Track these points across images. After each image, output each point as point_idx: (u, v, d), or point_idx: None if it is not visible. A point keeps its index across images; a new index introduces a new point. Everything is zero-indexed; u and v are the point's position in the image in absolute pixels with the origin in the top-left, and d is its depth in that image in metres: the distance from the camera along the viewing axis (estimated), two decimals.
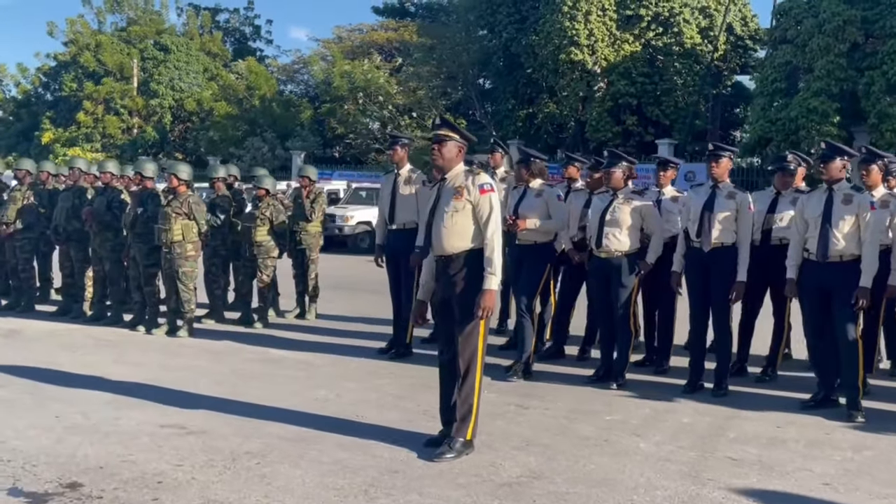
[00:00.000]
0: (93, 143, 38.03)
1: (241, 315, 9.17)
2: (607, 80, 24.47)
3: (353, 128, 33.68)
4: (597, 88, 25.00)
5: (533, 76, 26.96)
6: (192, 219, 8.28)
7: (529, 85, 27.39)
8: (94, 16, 42.02)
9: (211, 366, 6.92)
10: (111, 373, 6.57)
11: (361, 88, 30.74)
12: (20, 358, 7.11)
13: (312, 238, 9.44)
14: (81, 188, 9.41)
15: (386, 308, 10.06)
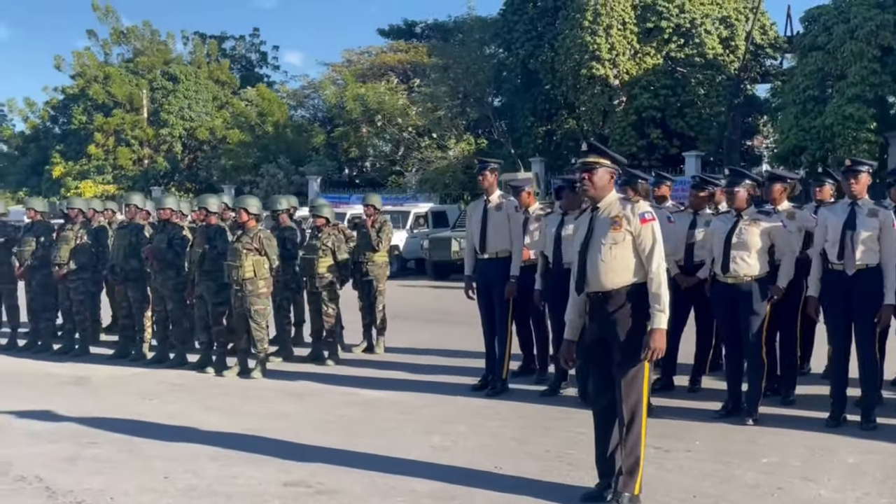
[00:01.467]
0: (104, 175, 37.75)
1: (311, 352, 8.82)
2: (630, 93, 24.22)
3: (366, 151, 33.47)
4: (618, 102, 24.76)
5: (551, 92, 26.72)
6: (264, 254, 7.94)
7: (547, 101, 27.15)
8: (101, 48, 41.90)
9: (303, 411, 6.56)
10: (201, 422, 6.21)
11: (375, 111, 30.52)
12: (100, 408, 6.76)
13: (379, 268, 9.10)
14: (138, 225, 9.08)
15: (454, 339, 9.81)
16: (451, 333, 10.47)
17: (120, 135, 37.88)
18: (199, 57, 40.88)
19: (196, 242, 8.39)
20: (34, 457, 5.42)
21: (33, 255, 9.66)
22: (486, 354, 7.04)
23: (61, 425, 6.23)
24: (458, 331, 10.67)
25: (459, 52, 28.37)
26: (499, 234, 6.87)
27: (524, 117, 27.31)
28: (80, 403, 6.98)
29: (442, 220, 23.27)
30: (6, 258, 9.93)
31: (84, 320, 9.48)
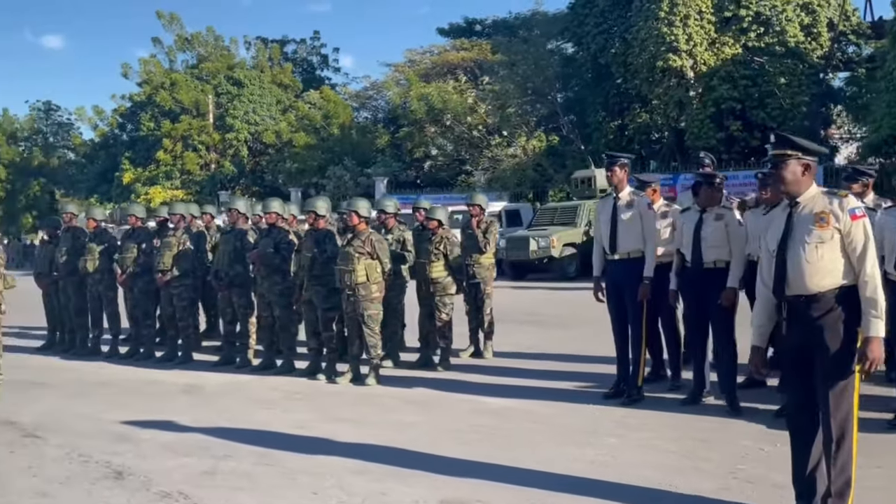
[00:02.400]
0: (172, 180, 38.35)
1: (419, 357, 8.58)
2: (707, 84, 23.52)
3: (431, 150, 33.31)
4: (695, 95, 24.08)
5: (623, 86, 26.16)
6: (376, 258, 7.72)
7: (619, 95, 26.59)
8: (165, 55, 42.62)
9: (432, 420, 6.30)
10: (332, 433, 6.00)
11: (440, 110, 30.33)
12: (222, 418, 6.61)
13: (486, 270, 8.82)
14: (242, 230, 8.97)
15: (557, 343, 9.49)
16: (551, 336, 10.16)
17: (187, 140, 38.45)
18: (261, 61, 41.28)
19: (304, 246, 8.23)
20: (171, 471, 5.26)
21: (135, 262, 9.63)
22: (618, 360, 6.69)
23: (189, 436, 6.08)
24: (557, 334, 10.37)
25: (526, 48, 27.99)
26: (630, 234, 6.51)
27: (595, 112, 26.81)
28: (200, 413, 6.85)
29: (515, 218, 22.94)
30: (107, 265, 9.93)
31: (187, 327, 9.42)
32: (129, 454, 5.70)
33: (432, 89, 29.66)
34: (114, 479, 5.15)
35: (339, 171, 32.34)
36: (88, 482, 5.11)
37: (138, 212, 10.02)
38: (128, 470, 5.31)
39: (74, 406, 7.38)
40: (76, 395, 7.92)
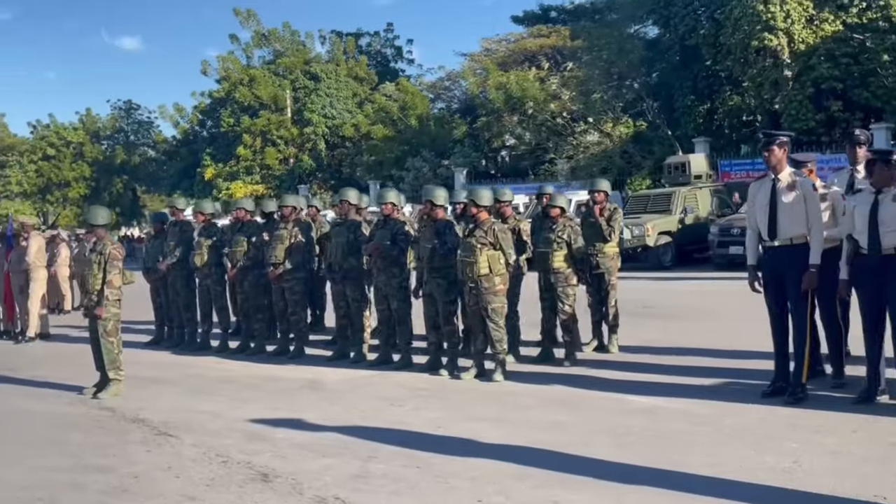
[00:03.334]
0: (252, 175, 38.81)
1: (541, 352, 8.20)
2: (806, 64, 22.41)
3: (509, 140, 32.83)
4: (791, 74, 22.99)
5: (713, 68, 25.19)
6: (499, 249, 7.36)
7: (708, 78, 25.63)
8: (242, 51, 43.11)
9: (578, 420, 5.91)
10: (473, 432, 5.68)
11: (518, 99, 29.81)
12: (352, 415, 6.37)
13: (611, 260, 8.39)
14: (355, 222, 8.74)
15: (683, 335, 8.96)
16: (673, 329, 9.66)
17: (266, 135, 38.83)
18: (337, 55, 41.40)
19: (423, 238, 7.94)
20: (319, 473, 5.02)
21: (245, 256, 9.51)
22: (776, 355, 6.18)
23: (324, 436, 5.85)
24: (678, 326, 9.88)
25: (609, 31, 27.23)
26: (793, 218, 5.98)
27: (683, 96, 25.92)
28: (328, 410, 6.62)
29: None
30: (217, 260, 9.84)
31: (299, 321, 9.25)
32: (267, 454, 5.49)
33: (512, 77, 29.12)
34: (261, 481, 4.93)
35: (418, 162, 32.14)
36: (236, 485, 4.90)
37: (247, 205, 9.88)
38: (272, 472, 5.10)
39: (198, 403, 7.25)
40: (197, 391, 7.81)
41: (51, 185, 50.21)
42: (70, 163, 50.02)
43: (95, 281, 7.65)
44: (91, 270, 7.72)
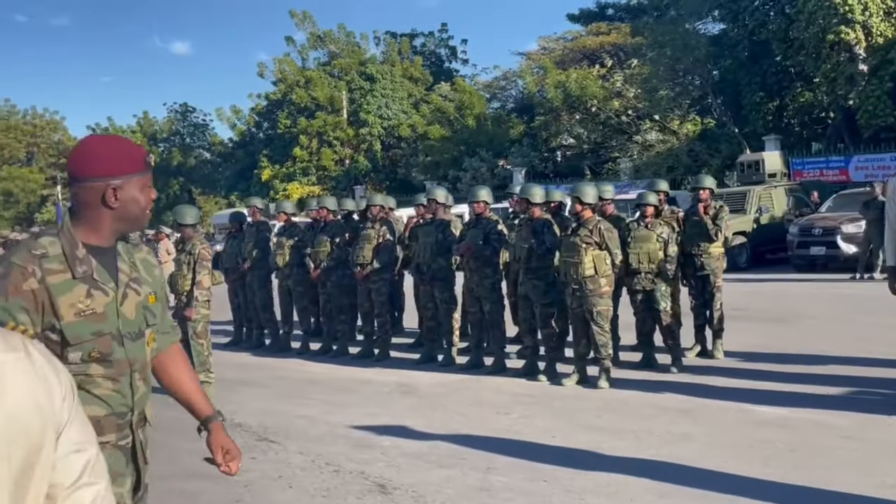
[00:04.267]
0: (309, 176, 38.91)
1: (643, 357, 7.82)
2: (884, 58, 21.54)
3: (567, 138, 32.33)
4: (868, 69, 22.12)
5: (783, 63, 24.39)
6: (605, 248, 7.01)
7: (778, 74, 24.83)
8: (298, 53, 43.29)
9: (706, 432, 5.54)
10: (592, 443, 5.36)
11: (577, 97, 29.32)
12: (457, 423, 6.10)
13: (716, 261, 7.97)
14: (444, 221, 8.47)
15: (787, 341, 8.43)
16: (775, 333, 9.16)
17: (322, 136, 38.89)
18: (392, 56, 41.32)
19: (519, 237, 7.63)
20: (439, 485, 4.75)
21: (329, 256, 9.31)
22: None
23: (434, 444, 5.58)
24: (780, 330, 9.38)
25: (673, 27, 26.59)
26: None
27: (751, 93, 25.15)
28: (430, 416, 6.36)
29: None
30: (298, 260, 9.66)
31: (385, 322, 9.01)
32: (378, 463, 5.24)
33: (574, 76, 28.63)
34: (380, 492, 4.68)
35: (476, 162, 31.84)
36: (353, 496, 4.65)
37: (330, 204, 9.68)
38: (389, 483, 4.84)
39: (291, 407, 7.05)
40: (287, 394, 7.62)
41: None
42: None
43: (185, 282, 7.51)
44: (180, 271, 7.58)
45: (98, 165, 2.06)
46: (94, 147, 2.11)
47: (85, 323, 2.01)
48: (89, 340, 2.03)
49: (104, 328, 2.05)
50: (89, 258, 2.05)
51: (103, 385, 2.07)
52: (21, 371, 1.10)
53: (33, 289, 1.96)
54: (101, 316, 2.04)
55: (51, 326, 1.98)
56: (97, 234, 2.09)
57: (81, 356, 2.02)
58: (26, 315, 1.95)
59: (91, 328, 2.02)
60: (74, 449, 1.16)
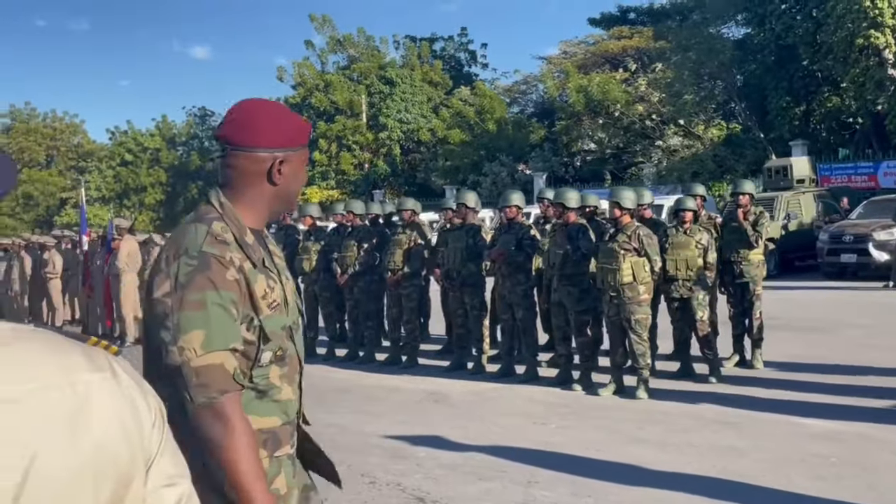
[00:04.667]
0: (328, 180, 38.86)
1: (680, 366, 7.61)
2: None
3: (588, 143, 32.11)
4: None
5: (810, 68, 24.08)
6: (644, 255, 6.82)
7: (804, 78, 24.52)
8: (317, 57, 43.29)
9: (756, 446, 5.33)
10: (637, 457, 5.16)
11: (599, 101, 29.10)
12: (494, 434, 5.92)
13: (756, 268, 7.76)
14: (475, 226, 8.30)
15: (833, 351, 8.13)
16: (814, 343, 8.94)
17: (341, 140, 38.84)
18: (411, 60, 41.22)
19: (554, 243, 7.45)
20: (478, 498, 4.58)
21: (356, 261, 9.16)
22: None
23: (472, 456, 5.41)
24: (818, 339, 9.17)
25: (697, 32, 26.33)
26: None
27: (778, 97, 24.83)
28: (465, 426, 6.18)
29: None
30: (325, 265, 9.52)
31: (414, 329, 8.85)
32: (415, 475, 5.08)
33: (596, 80, 28.41)
34: None
35: (496, 167, 31.67)
36: None
37: (357, 209, 9.54)
38: (427, 496, 4.68)
39: (320, 415, 6.81)
40: (316, 402, 7.34)
41: (128, 191, 51.32)
42: (147, 168, 51.05)
43: None
44: None
45: (267, 134, 1.78)
46: (260, 112, 1.81)
47: (275, 317, 1.75)
48: (279, 337, 1.76)
49: (285, 321, 1.79)
50: (257, 244, 1.78)
51: (283, 389, 1.78)
52: (108, 393, 0.94)
53: (236, 279, 1.67)
54: (283, 308, 1.78)
55: (248, 322, 1.69)
56: (253, 215, 1.80)
57: (270, 357, 1.75)
58: (235, 310, 1.65)
59: (280, 322, 1.76)
60: (166, 482, 0.99)
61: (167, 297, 1.64)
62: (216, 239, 1.69)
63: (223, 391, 1.60)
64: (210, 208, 1.78)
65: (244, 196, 1.79)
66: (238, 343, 1.66)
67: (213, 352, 1.61)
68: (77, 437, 0.89)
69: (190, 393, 1.59)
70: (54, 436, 0.87)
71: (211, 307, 1.62)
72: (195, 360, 1.59)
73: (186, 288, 1.63)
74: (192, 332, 1.60)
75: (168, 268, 1.67)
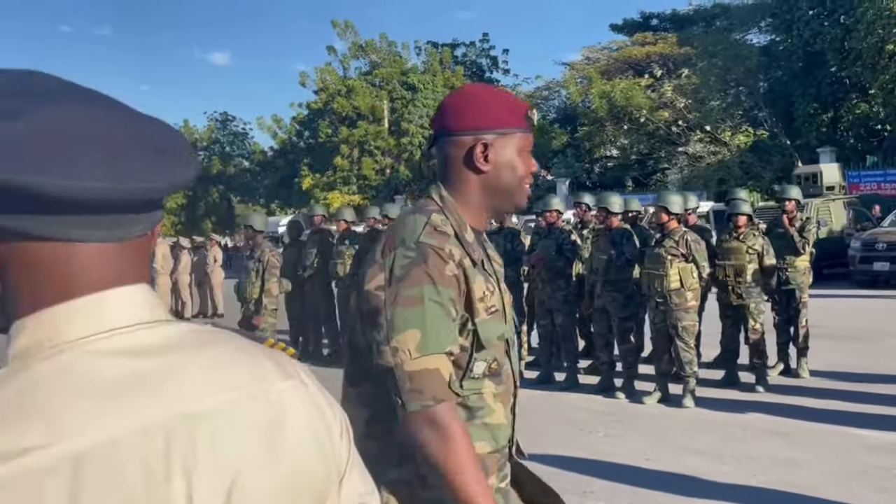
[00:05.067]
0: (349, 185, 38.91)
1: (725, 374, 7.49)
2: None
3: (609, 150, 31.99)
4: None
5: (838, 74, 23.85)
6: (691, 261, 6.71)
7: (832, 85, 24.29)
8: (339, 63, 43.40)
9: (814, 457, 5.21)
10: (692, 468, 5.05)
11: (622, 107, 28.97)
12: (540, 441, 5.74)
13: (802, 275, 7.64)
14: (513, 230, 8.24)
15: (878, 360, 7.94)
16: (857, 351, 8.78)
17: (363, 146, 38.89)
18: (433, 65, 41.24)
19: (597, 248, 7.36)
20: None
21: None
22: None
23: None
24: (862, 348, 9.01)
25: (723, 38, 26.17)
26: None
27: (805, 104, 24.61)
28: None
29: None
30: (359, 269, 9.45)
31: None
32: None
33: (621, 85, 28.28)
34: None
35: None
36: None
37: (391, 213, 9.48)
38: None
39: None
40: None
41: None
42: None
43: (253, 289, 7.35)
44: (248, 278, 7.42)
45: (468, 114, 1.61)
46: (468, 94, 1.67)
47: (492, 323, 1.57)
48: (495, 346, 1.58)
49: (503, 330, 1.61)
50: (476, 243, 1.61)
51: (495, 409, 1.60)
52: (301, 402, 0.85)
53: (455, 274, 1.51)
54: (501, 316, 1.61)
55: (462, 325, 1.53)
56: (470, 211, 1.63)
57: (483, 368, 1.57)
58: (454, 309, 1.49)
59: (497, 330, 1.59)
60: (359, 501, 0.91)
61: (380, 291, 1.50)
62: (435, 230, 1.55)
63: (438, 400, 1.45)
64: (430, 201, 1.64)
65: (454, 189, 1.64)
66: (455, 346, 1.51)
67: (429, 355, 1.46)
68: (275, 453, 0.80)
69: (402, 398, 1.46)
70: (254, 451, 0.79)
71: (428, 304, 1.48)
72: (409, 363, 1.46)
73: (402, 282, 1.49)
74: (407, 331, 1.46)
75: (383, 259, 1.54)
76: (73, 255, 0.75)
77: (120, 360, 0.74)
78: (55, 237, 0.73)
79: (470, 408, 1.58)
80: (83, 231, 0.74)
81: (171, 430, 0.73)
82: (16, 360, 0.73)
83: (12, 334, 0.75)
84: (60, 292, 0.75)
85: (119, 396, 0.72)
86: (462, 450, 1.45)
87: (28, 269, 0.74)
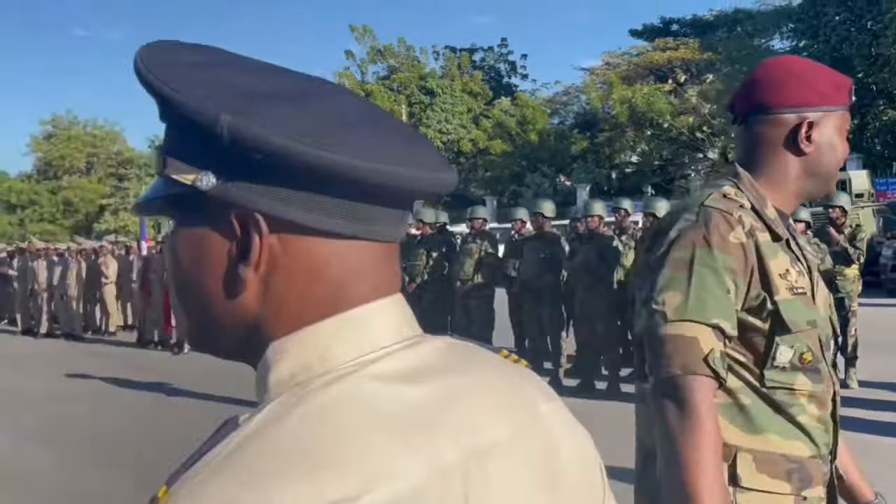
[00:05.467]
0: None
1: None
2: None
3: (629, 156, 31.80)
4: None
5: (865, 80, 23.59)
6: None
7: (860, 91, 24.01)
8: (357, 67, 43.45)
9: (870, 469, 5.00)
10: None
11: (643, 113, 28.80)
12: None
13: (852, 283, 7.46)
14: (554, 236, 8.07)
15: None
16: None
17: None
18: (451, 70, 41.19)
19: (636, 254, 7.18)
20: None
21: (425, 270, 8.97)
22: None
23: None
24: None
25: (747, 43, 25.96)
26: None
27: None
28: None
29: None
30: None
31: (486, 341, 8.60)
32: None
33: (642, 91, 28.11)
34: None
35: (538, 178, 31.45)
36: None
37: (427, 217, 9.36)
38: None
39: None
40: None
41: None
42: None
43: None
44: None
45: (791, 89, 1.44)
46: (788, 67, 1.50)
47: (798, 304, 1.39)
48: (804, 331, 1.38)
49: (813, 315, 1.42)
50: (779, 220, 1.45)
51: (808, 409, 1.41)
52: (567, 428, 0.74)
53: (742, 242, 1.36)
54: (810, 300, 1.43)
55: (758, 304, 1.36)
56: (775, 193, 1.46)
57: (791, 356, 1.38)
58: (732, 281, 1.34)
59: (806, 314, 1.39)
60: None
61: (657, 253, 1.39)
62: (724, 196, 1.41)
63: (688, 371, 1.29)
64: (724, 180, 1.50)
65: (762, 173, 1.47)
66: (726, 322, 1.33)
67: (689, 322, 1.31)
68: (554, 489, 0.69)
69: (653, 362, 1.33)
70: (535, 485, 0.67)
71: (698, 268, 1.33)
72: (664, 326, 1.32)
73: (675, 243, 1.36)
74: (669, 292, 1.33)
75: (670, 228, 1.40)
76: (349, 255, 0.62)
77: (397, 387, 0.61)
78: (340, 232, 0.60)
79: (777, 403, 1.39)
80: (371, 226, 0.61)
81: (466, 470, 0.61)
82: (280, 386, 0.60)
83: (270, 358, 0.62)
84: (329, 303, 0.61)
85: (409, 432, 0.59)
86: (703, 431, 1.28)
87: (303, 275, 0.61)
